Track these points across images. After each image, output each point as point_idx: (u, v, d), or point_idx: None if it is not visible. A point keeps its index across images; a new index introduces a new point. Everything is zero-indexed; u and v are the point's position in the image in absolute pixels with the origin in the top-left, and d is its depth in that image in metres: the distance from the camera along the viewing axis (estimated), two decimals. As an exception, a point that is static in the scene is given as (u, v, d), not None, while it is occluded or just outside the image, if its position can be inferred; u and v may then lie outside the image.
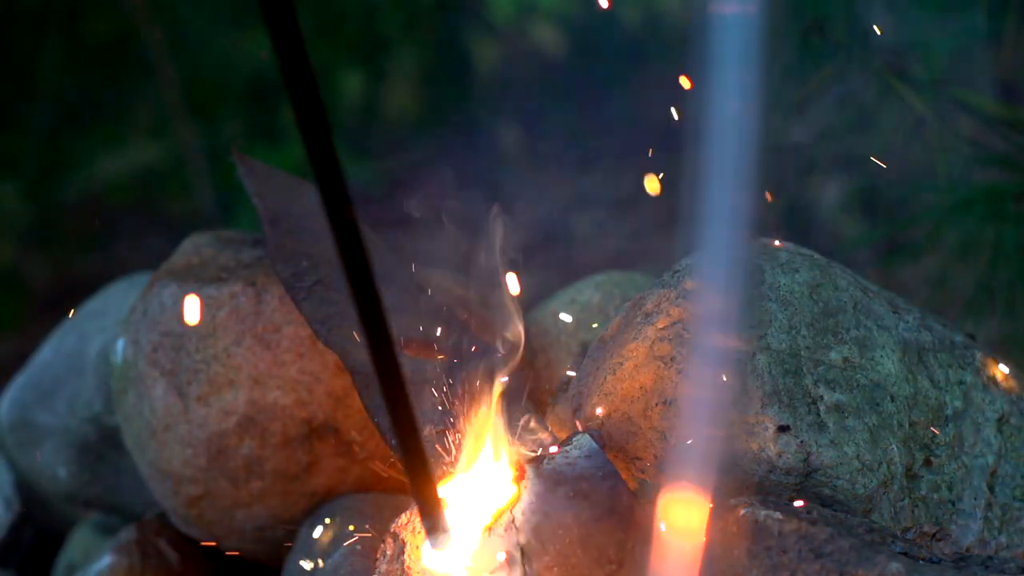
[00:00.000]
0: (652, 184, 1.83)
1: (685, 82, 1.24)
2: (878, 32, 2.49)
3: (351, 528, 1.93)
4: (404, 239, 2.10)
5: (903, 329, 1.79)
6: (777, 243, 1.83)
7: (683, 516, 1.32)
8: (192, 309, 1.98)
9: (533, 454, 1.73)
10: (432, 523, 1.60)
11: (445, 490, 1.69)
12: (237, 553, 2.16)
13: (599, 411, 1.76)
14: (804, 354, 1.72)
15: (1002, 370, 1.82)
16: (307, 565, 1.97)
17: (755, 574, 1.56)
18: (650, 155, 1.79)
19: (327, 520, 2.03)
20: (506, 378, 1.78)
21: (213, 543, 2.15)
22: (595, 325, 2.10)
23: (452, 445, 1.77)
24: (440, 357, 1.92)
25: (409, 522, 1.72)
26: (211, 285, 2.08)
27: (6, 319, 4.17)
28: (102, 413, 2.36)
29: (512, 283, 1.79)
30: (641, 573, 1.61)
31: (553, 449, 1.71)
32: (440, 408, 1.82)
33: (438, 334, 1.92)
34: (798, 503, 1.62)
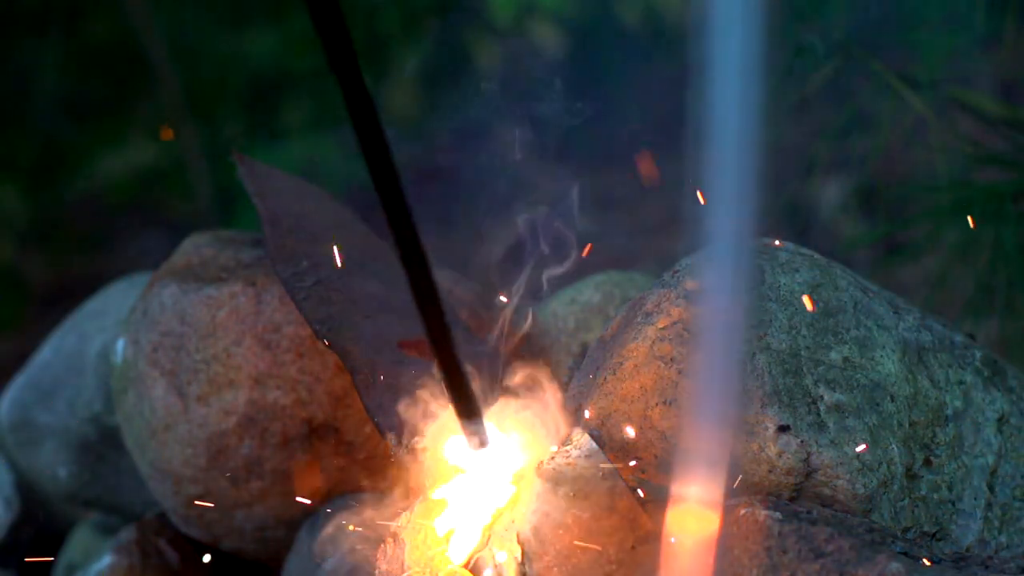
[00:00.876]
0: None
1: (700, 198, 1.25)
2: (878, 33, 2.49)
3: (351, 528, 1.93)
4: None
5: (903, 329, 1.79)
6: (777, 243, 1.83)
7: (694, 520, 1.32)
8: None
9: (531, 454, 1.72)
10: (471, 429, 1.64)
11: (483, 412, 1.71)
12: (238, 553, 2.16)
13: (599, 411, 1.76)
14: (804, 354, 1.72)
15: None
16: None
17: (755, 574, 1.56)
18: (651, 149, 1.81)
19: (327, 520, 2.02)
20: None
21: (213, 543, 2.15)
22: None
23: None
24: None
25: (409, 522, 1.72)
26: (211, 285, 2.08)
27: (6, 319, 4.17)
28: (102, 413, 2.36)
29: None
30: (642, 573, 1.61)
31: (553, 449, 1.71)
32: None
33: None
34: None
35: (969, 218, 2.36)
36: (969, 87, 2.61)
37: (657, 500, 1.67)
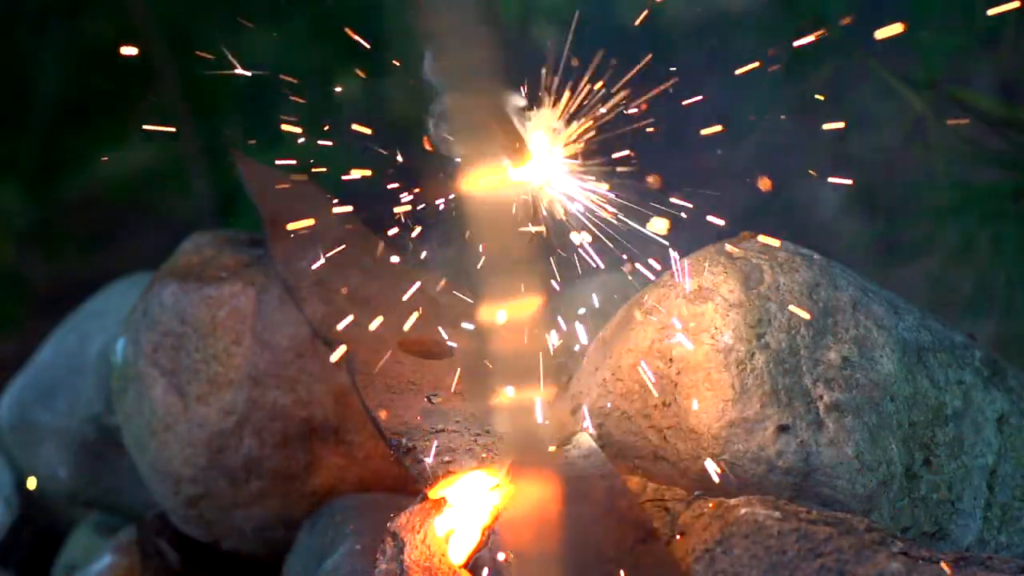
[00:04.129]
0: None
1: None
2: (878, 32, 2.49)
3: (351, 528, 1.93)
4: (404, 237, 2.10)
5: (903, 329, 1.79)
6: (777, 243, 1.82)
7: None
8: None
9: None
10: (513, 146, 1.77)
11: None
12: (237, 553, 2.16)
13: (599, 410, 1.76)
14: (803, 354, 1.72)
15: None
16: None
17: (755, 574, 1.56)
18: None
19: (327, 520, 2.02)
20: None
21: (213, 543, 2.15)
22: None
23: None
24: (436, 357, 1.92)
25: (409, 522, 1.72)
26: (211, 285, 2.08)
27: (6, 319, 4.17)
28: (102, 413, 2.36)
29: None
30: (642, 573, 1.61)
31: (553, 449, 1.71)
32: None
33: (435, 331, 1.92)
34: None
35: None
36: (969, 87, 2.61)
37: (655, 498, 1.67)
